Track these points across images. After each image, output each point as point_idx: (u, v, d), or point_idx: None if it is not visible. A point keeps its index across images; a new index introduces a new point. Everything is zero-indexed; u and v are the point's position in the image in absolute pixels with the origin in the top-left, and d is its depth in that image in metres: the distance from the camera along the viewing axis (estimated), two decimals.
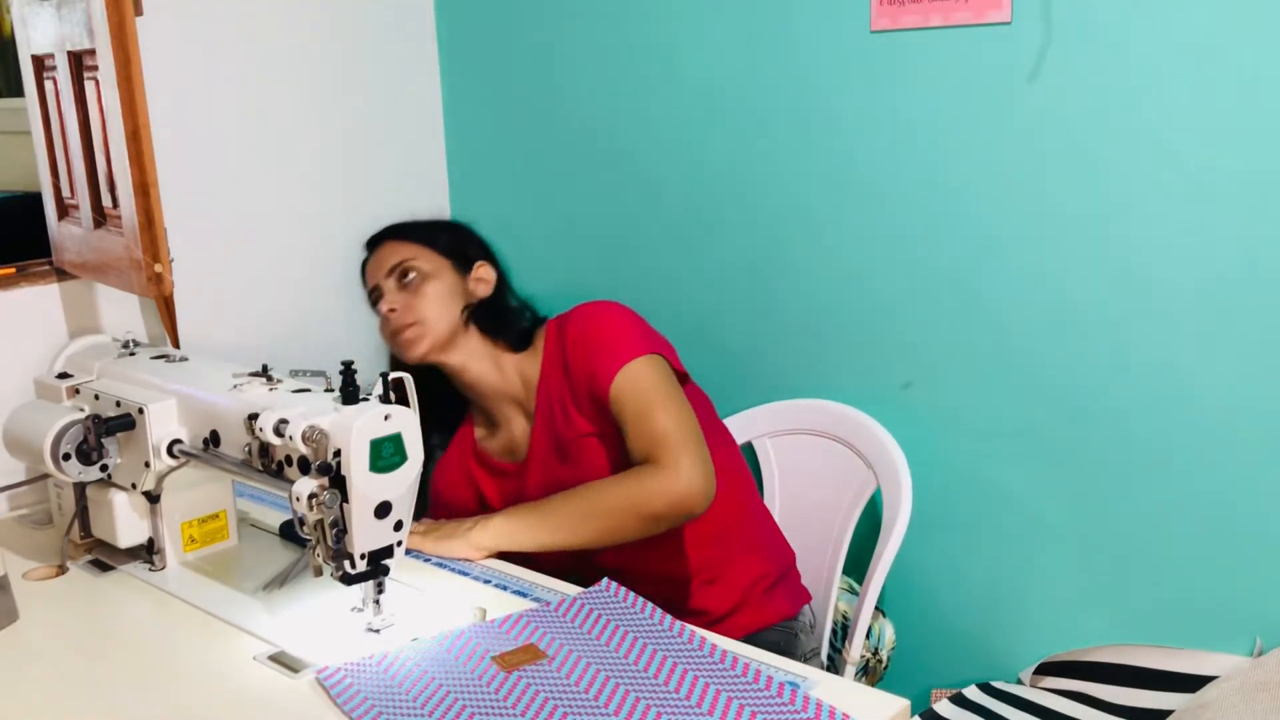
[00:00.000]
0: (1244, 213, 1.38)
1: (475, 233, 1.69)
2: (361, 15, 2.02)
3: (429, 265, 1.58)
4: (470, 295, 1.60)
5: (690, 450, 1.41)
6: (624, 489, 1.41)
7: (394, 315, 1.55)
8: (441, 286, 1.57)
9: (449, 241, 1.62)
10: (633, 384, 1.46)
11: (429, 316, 1.55)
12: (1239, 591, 1.46)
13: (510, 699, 1.08)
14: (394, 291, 1.57)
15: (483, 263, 1.63)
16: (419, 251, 1.59)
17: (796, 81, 1.72)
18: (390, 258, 1.59)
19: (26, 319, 1.65)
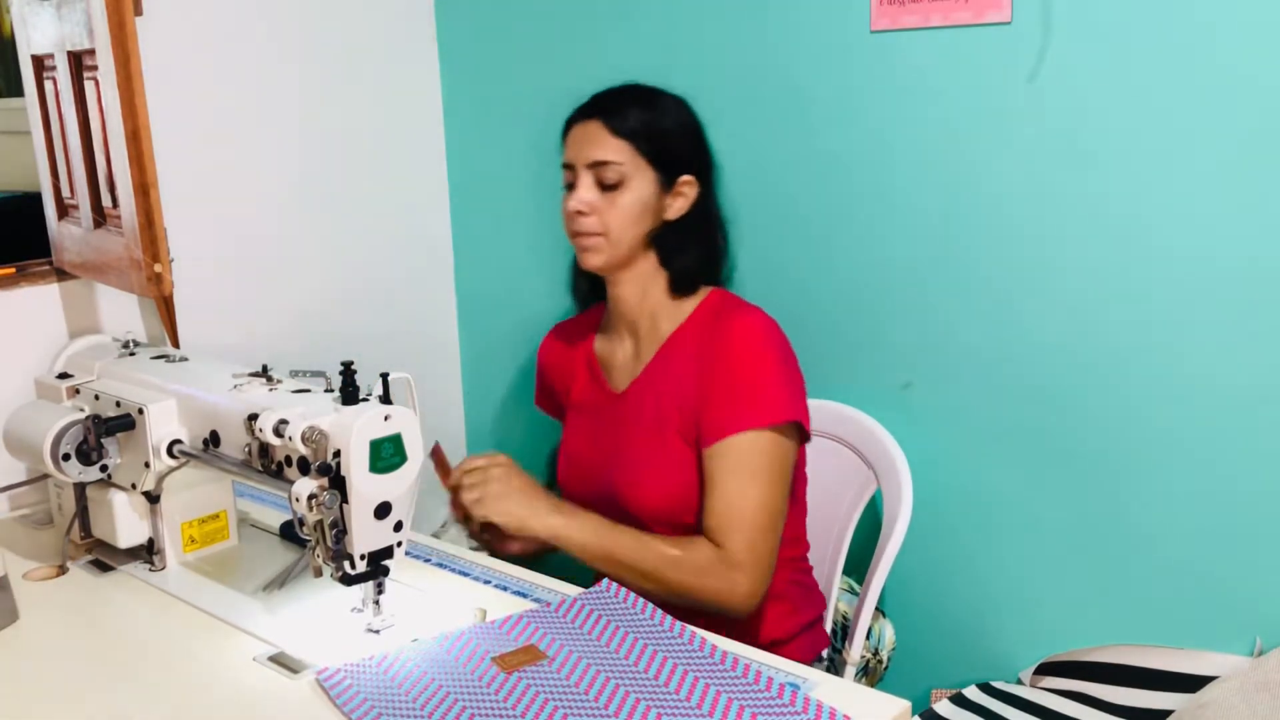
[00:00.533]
0: (1244, 213, 1.38)
1: (698, 127, 1.53)
2: (361, 15, 2.02)
3: (634, 172, 1.45)
4: (662, 213, 1.48)
5: (759, 551, 1.39)
6: (685, 576, 1.39)
7: (581, 218, 1.46)
8: (638, 201, 1.45)
9: (665, 145, 1.47)
10: (740, 455, 1.41)
11: (616, 231, 1.45)
12: (1239, 591, 1.46)
13: (510, 700, 1.08)
14: (589, 188, 1.46)
15: (689, 178, 1.49)
16: (629, 154, 1.45)
17: (796, 81, 1.72)
18: (596, 148, 1.46)
19: (26, 319, 1.65)
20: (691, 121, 1.53)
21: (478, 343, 2.29)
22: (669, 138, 1.48)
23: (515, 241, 2.16)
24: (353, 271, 2.07)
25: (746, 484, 1.41)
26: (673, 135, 1.49)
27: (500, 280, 2.20)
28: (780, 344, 1.48)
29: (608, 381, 1.59)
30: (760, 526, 1.40)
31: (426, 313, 2.24)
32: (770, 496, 1.41)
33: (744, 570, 1.39)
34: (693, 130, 1.53)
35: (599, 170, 1.45)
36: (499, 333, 2.23)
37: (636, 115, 1.47)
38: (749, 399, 1.42)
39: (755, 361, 1.44)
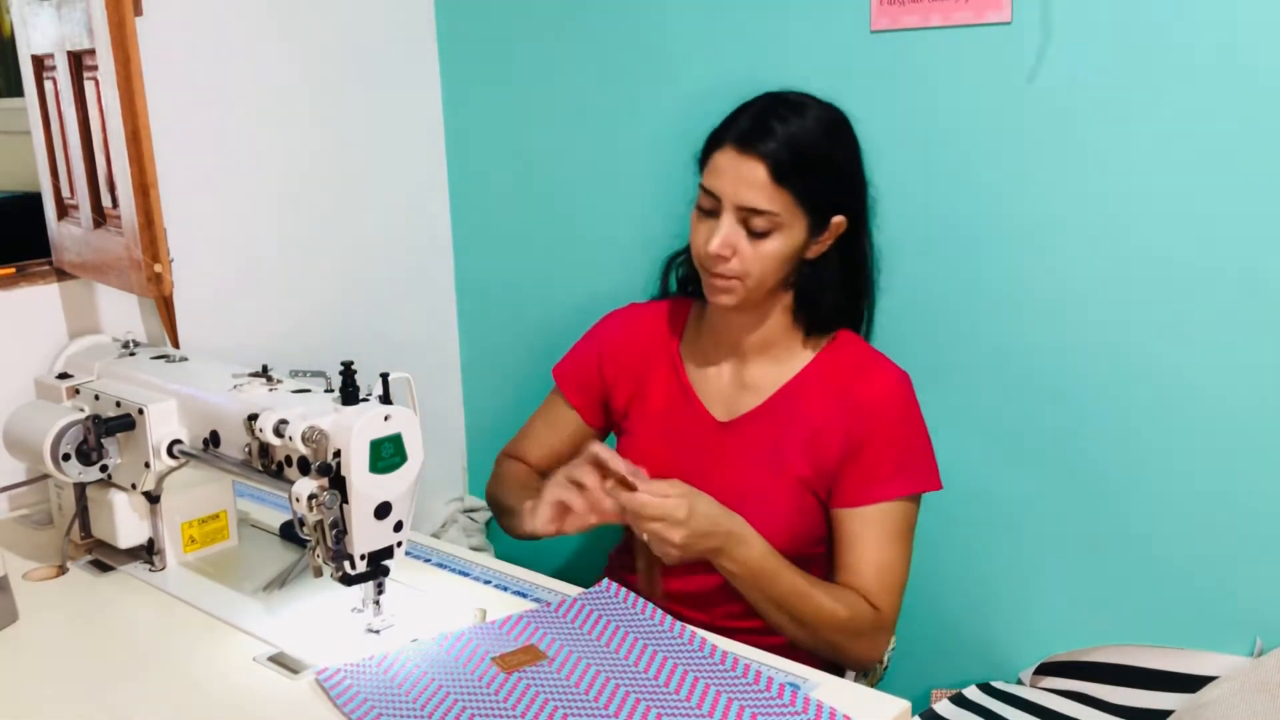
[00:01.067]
0: (1245, 213, 1.38)
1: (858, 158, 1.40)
2: (361, 15, 2.02)
3: (788, 221, 1.33)
4: (805, 252, 1.37)
5: (894, 616, 1.41)
6: (842, 638, 1.36)
7: (721, 260, 1.34)
8: (787, 248, 1.34)
9: (826, 189, 1.35)
10: (894, 517, 1.40)
11: (756, 277, 1.34)
12: (1239, 591, 1.46)
13: (510, 700, 1.08)
14: (734, 228, 1.33)
15: (842, 219, 1.37)
16: (788, 204, 1.32)
17: (796, 81, 1.71)
18: (751, 193, 1.31)
19: (26, 319, 1.65)
20: (854, 154, 1.41)
21: (478, 343, 2.29)
22: (831, 181, 1.36)
23: (515, 241, 2.16)
24: (353, 271, 2.07)
25: (899, 548, 1.41)
26: (836, 178, 1.37)
27: (500, 280, 2.20)
28: (917, 405, 1.46)
29: (704, 405, 1.47)
30: (903, 587, 1.42)
31: (426, 313, 2.24)
32: (909, 558, 1.43)
33: (889, 632, 1.42)
34: (854, 164, 1.41)
35: (749, 215, 1.33)
36: (499, 333, 2.23)
37: (805, 157, 1.33)
38: (909, 465, 1.41)
39: (911, 427, 1.42)
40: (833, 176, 1.37)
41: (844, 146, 1.40)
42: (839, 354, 1.45)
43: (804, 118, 1.36)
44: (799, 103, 1.39)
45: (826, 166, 1.36)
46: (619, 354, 1.56)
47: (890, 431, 1.40)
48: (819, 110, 1.40)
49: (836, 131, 1.40)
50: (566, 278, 2.07)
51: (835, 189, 1.37)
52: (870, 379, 1.42)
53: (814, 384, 1.43)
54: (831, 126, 1.39)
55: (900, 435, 1.41)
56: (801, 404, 1.43)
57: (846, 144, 1.41)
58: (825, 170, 1.36)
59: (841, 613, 1.35)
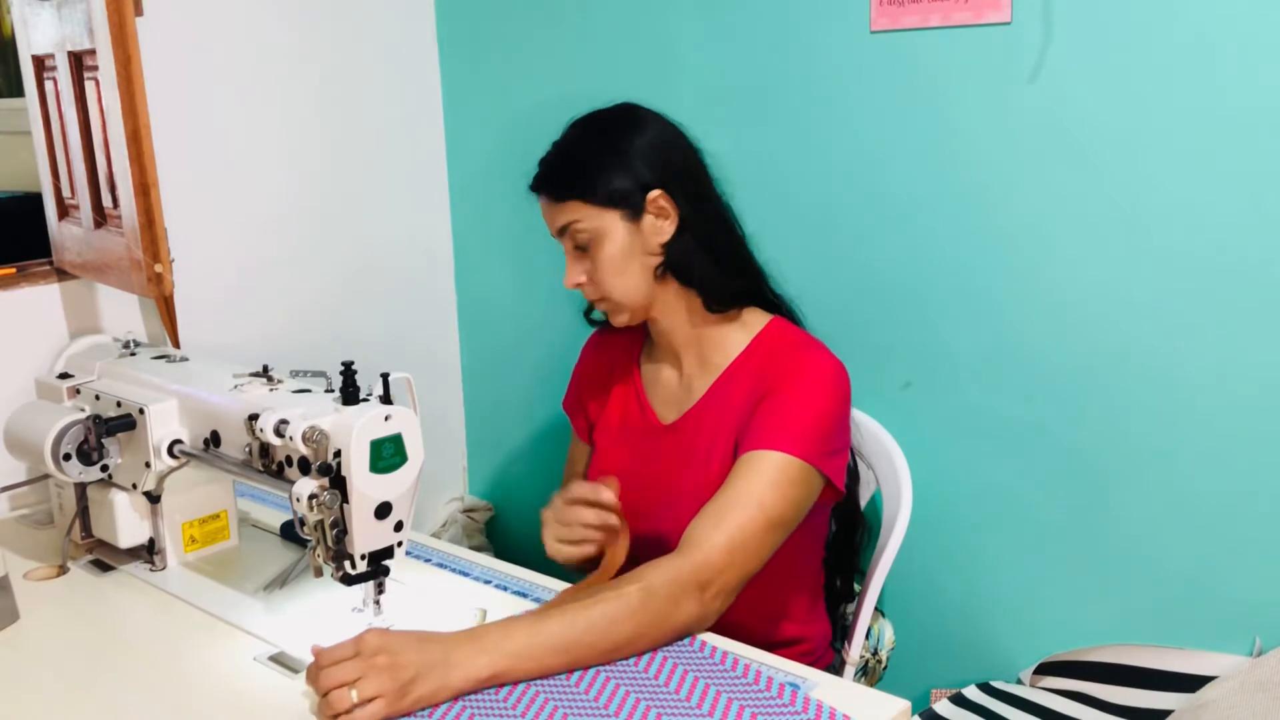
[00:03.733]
0: (1245, 213, 1.38)
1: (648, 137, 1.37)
2: (361, 15, 2.02)
3: (597, 223, 1.34)
4: (652, 243, 1.36)
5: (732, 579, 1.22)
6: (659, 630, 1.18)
7: (582, 289, 1.38)
8: (616, 250, 1.34)
9: (607, 179, 1.34)
10: (761, 469, 1.27)
11: (612, 289, 1.36)
12: (1238, 591, 1.46)
13: (510, 700, 1.08)
14: (571, 254, 1.38)
15: (656, 193, 1.35)
16: (581, 209, 1.35)
17: (796, 82, 1.72)
18: (555, 216, 1.37)
19: (27, 319, 1.65)
20: (633, 137, 1.37)
21: (478, 343, 2.29)
22: (607, 170, 1.35)
23: (515, 242, 2.16)
24: (353, 272, 2.07)
25: (754, 495, 1.26)
26: (612, 165, 1.35)
27: (500, 281, 2.20)
28: (845, 395, 1.37)
29: (654, 411, 1.47)
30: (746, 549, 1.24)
31: (427, 313, 2.24)
32: (771, 517, 1.26)
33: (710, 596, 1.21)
34: (638, 146, 1.37)
35: (571, 238, 1.37)
36: (499, 333, 2.23)
37: (564, 169, 1.37)
38: (795, 424, 1.30)
39: (815, 396, 1.33)
40: (610, 161, 1.35)
41: (616, 131, 1.38)
42: (768, 341, 1.41)
43: (569, 131, 1.41)
44: (573, 125, 1.43)
45: (596, 158, 1.36)
46: (591, 376, 1.59)
47: (791, 393, 1.32)
48: (588, 116, 1.42)
49: (605, 123, 1.40)
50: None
51: (620, 172, 1.35)
52: (796, 354, 1.38)
53: (744, 371, 1.40)
54: (598, 122, 1.40)
55: (802, 399, 1.32)
56: (733, 393, 1.39)
57: (620, 128, 1.38)
58: (597, 161, 1.35)
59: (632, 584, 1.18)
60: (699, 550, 1.22)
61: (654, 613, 1.17)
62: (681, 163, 1.40)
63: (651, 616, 1.17)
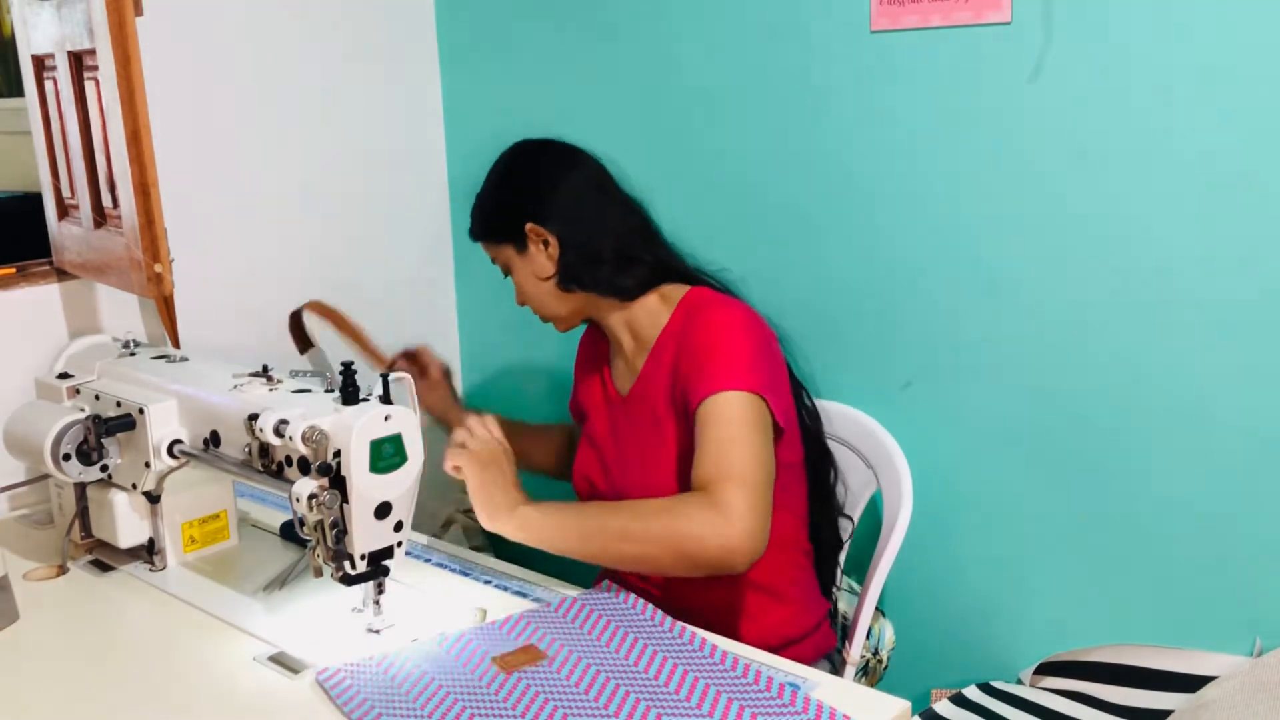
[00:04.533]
0: (1245, 213, 1.38)
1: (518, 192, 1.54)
2: (361, 15, 2.02)
3: (503, 258, 1.56)
4: (544, 266, 1.52)
5: (751, 498, 1.29)
6: (670, 520, 1.29)
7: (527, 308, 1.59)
8: (525, 275, 1.55)
9: (498, 224, 1.55)
10: (721, 411, 1.36)
11: (536, 309, 1.57)
12: (1239, 591, 1.46)
13: (510, 700, 1.08)
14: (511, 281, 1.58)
15: (531, 227, 1.50)
16: (490, 249, 1.58)
17: (796, 81, 1.72)
18: (489, 254, 1.60)
19: (26, 319, 1.65)
20: (507, 179, 1.57)
21: (478, 342, 2.29)
22: (491, 213, 1.56)
23: None
24: (353, 271, 2.07)
25: (733, 434, 1.35)
26: (493, 209, 1.56)
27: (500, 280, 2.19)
28: (759, 331, 1.47)
29: (614, 386, 1.61)
30: (751, 471, 1.32)
31: (426, 313, 2.24)
32: (757, 448, 1.35)
33: (737, 513, 1.28)
34: (513, 185, 1.56)
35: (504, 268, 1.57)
36: (499, 333, 2.23)
37: (477, 221, 1.58)
38: (724, 365, 1.40)
39: (729, 337, 1.43)
40: (491, 212, 1.57)
41: (495, 175, 1.59)
42: (687, 307, 1.52)
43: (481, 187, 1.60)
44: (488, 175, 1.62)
45: (485, 208, 1.58)
46: (580, 372, 1.73)
47: (709, 342, 1.43)
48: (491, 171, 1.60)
49: (493, 171, 1.60)
50: None
51: (498, 215, 1.55)
52: (705, 313, 1.48)
53: (671, 339, 1.51)
54: (492, 174, 1.60)
55: (718, 343, 1.42)
56: (664, 360, 1.51)
57: (498, 172, 1.59)
58: (485, 211, 1.57)
59: (658, 502, 1.34)
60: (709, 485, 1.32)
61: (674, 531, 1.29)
62: (552, 190, 1.54)
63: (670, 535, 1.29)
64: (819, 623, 1.58)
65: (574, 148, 1.59)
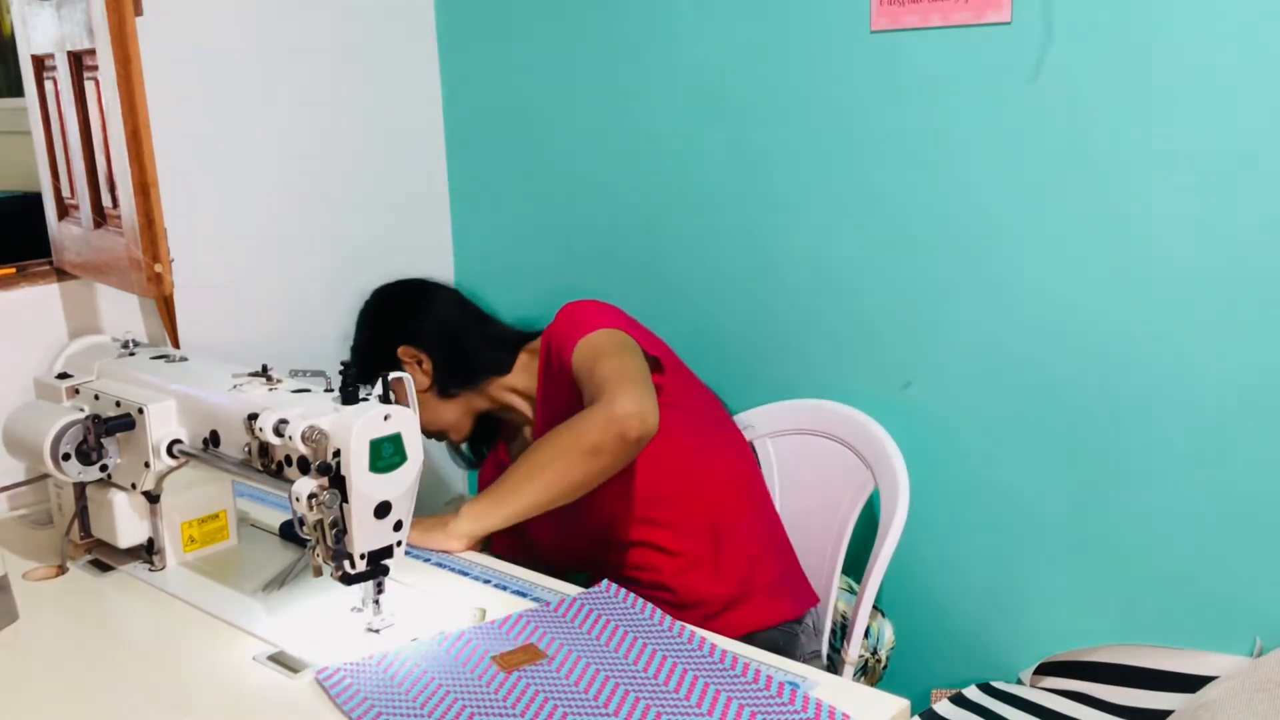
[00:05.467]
0: (1244, 213, 1.38)
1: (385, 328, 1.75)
2: (361, 16, 2.02)
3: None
4: (423, 380, 1.69)
5: (626, 385, 1.41)
6: (562, 432, 1.42)
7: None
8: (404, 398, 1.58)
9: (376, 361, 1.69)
10: (588, 347, 1.50)
11: (427, 423, 1.69)
12: (1239, 591, 1.46)
13: (510, 699, 1.08)
14: None
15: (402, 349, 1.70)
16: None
17: (796, 81, 1.72)
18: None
19: (26, 319, 1.65)
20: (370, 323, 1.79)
21: None
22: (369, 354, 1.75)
23: (515, 241, 2.16)
24: (353, 271, 2.07)
25: (594, 364, 1.47)
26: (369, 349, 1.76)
27: (500, 280, 2.19)
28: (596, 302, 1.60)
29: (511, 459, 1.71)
30: (620, 372, 1.43)
31: None
32: (619, 360, 1.46)
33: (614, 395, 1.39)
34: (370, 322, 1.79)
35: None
36: None
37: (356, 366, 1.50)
38: (575, 325, 1.54)
39: (579, 308, 1.59)
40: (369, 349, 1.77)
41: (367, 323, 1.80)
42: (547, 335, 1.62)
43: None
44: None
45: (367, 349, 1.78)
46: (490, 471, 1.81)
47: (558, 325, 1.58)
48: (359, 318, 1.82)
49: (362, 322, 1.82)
50: (566, 276, 2.07)
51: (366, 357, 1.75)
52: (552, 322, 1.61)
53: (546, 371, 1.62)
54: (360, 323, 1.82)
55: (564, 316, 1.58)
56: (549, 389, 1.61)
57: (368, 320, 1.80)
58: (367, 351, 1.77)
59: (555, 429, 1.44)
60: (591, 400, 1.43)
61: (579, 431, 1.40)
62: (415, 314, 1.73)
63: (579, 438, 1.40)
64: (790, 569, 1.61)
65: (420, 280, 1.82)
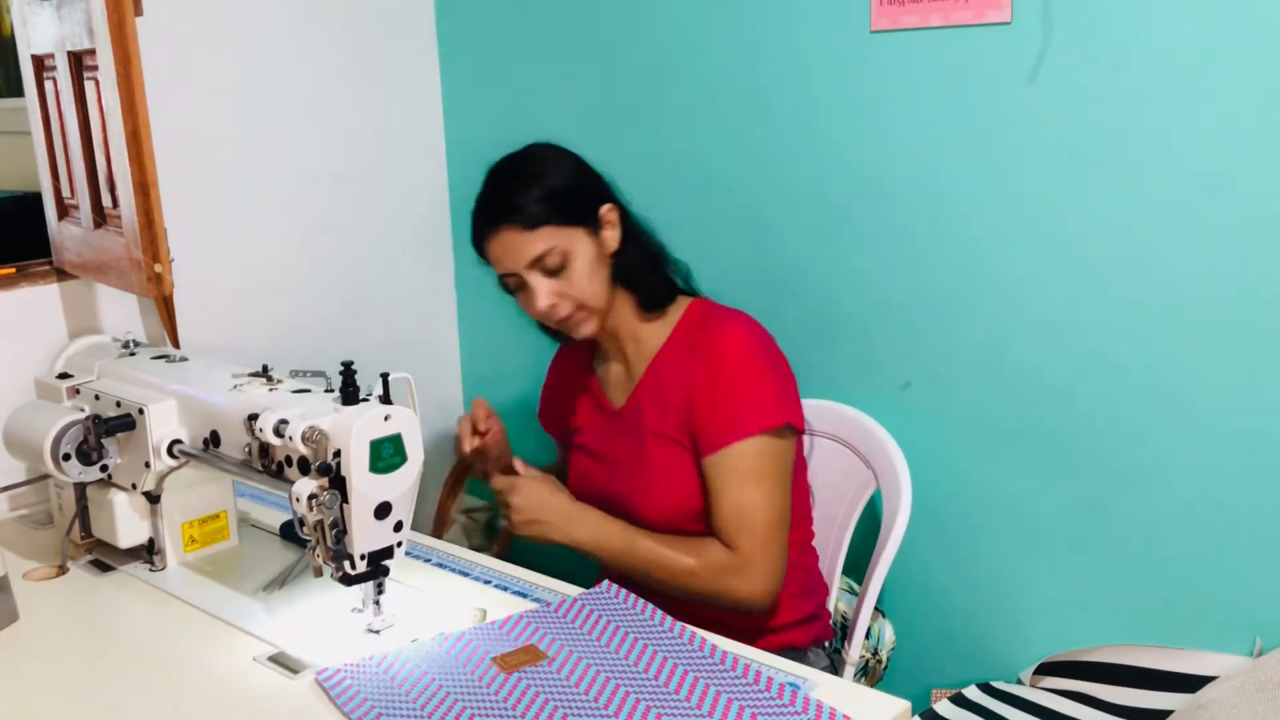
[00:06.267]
0: (1244, 213, 1.38)
1: (579, 160, 1.53)
2: (361, 15, 2.02)
3: (568, 242, 1.45)
4: (606, 251, 1.50)
5: (770, 553, 1.44)
6: (704, 584, 1.44)
7: (555, 309, 1.47)
8: (587, 263, 1.46)
9: (572, 201, 1.47)
10: (739, 459, 1.45)
11: (588, 297, 1.47)
12: (1239, 591, 1.46)
13: (510, 700, 1.08)
14: (541, 279, 1.46)
15: (607, 207, 1.50)
16: (554, 233, 1.44)
17: (796, 81, 1.72)
18: (524, 250, 1.44)
19: (26, 319, 1.65)
20: (574, 160, 1.53)
21: (478, 343, 2.29)
22: (571, 193, 1.48)
23: None
24: (353, 271, 2.07)
25: (751, 488, 1.44)
26: (572, 188, 1.48)
27: None
28: (767, 347, 1.51)
29: (608, 399, 1.62)
30: (770, 524, 1.44)
31: (426, 313, 2.24)
32: (775, 497, 1.46)
33: (758, 568, 1.43)
34: (581, 168, 1.52)
35: (540, 264, 1.45)
36: (499, 333, 2.23)
37: (534, 197, 1.45)
38: (744, 407, 1.45)
39: (744, 369, 1.47)
40: (570, 190, 1.48)
41: (561, 163, 1.52)
42: (691, 320, 1.55)
43: (515, 169, 1.51)
44: (496, 168, 1.54)
45: (559, 186, 1.47)
46: (559, 387, 1.74)
47: (725, 378, 1.46)
48: (523, 153, 1.53)
49: (550, 157, 1.53)
50: None
51: (578, 195, 1.49)
52: (709, 334, 1.50)
53: (672, 351, 1.53)
54: (543, 158, 1.52)
55: (736, 380, 1.46)
56: (663, 374, 1.53)
57: (562, 161, 1.52)
58: (560, 189, 1.47)
59: (689, 562, 1.45)
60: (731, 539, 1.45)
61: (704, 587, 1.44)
62: (602, 182, 1.54)
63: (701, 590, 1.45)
64: (817, 610, 1.60)
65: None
